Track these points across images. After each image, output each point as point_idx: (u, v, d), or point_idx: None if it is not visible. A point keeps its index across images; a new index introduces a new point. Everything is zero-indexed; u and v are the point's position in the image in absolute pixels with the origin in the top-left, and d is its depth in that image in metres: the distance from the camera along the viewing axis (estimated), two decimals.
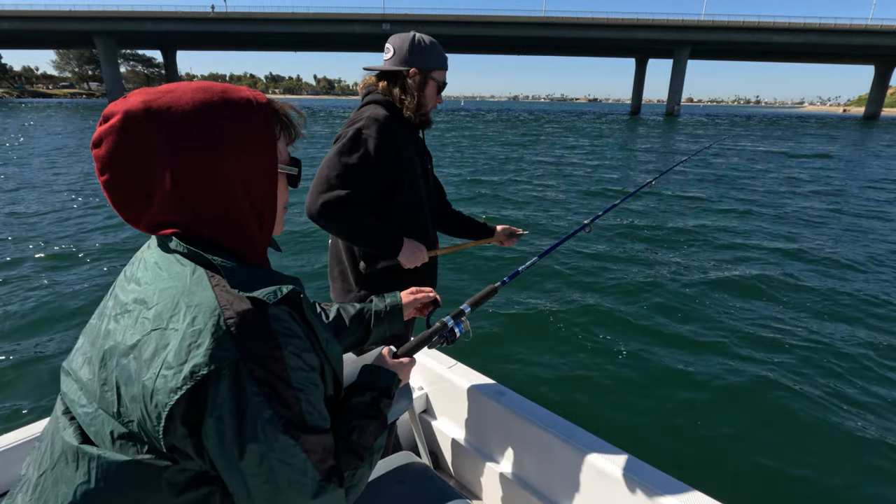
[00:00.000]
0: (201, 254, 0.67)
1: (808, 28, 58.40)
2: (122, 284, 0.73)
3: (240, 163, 0.68)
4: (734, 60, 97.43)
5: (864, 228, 8.21)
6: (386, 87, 1.68)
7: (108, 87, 63.90)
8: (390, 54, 1.67)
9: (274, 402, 0.63)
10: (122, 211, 0.68)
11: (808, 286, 5.45)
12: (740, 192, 11.43)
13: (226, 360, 0.61)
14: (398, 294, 1.24)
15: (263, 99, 0.72)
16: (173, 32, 63.68)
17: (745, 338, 4.20)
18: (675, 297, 5.06)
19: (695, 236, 7.51)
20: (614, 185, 12.04)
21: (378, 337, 1.19)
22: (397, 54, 1.66)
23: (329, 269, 1.86)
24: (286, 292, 0.67)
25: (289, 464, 0.65)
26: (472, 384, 1.82)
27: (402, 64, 1.65)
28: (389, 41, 1.68)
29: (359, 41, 72.28)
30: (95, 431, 0.65)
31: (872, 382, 3.57)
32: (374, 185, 1.64)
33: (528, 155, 18.42)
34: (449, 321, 1.18)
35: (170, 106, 0.65)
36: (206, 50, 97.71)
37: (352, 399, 0.86)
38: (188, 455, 0.64)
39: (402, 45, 1.65)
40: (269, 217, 0.74)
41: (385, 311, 1.19)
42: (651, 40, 61.70)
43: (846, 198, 11.00)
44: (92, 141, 0.66)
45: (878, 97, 75.53)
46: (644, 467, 1.40)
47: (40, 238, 6.79)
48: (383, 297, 1.22)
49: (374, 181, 1.62)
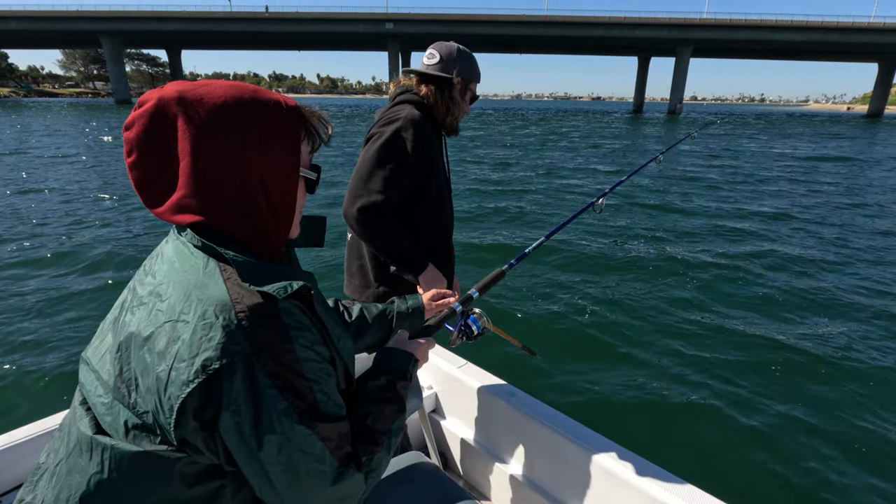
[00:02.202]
0: (214, 247, 0.68)
1: (809, 26, 58.41)
2: (140, 277, 0.75)
3: (261, 158, 0.70)
4: (737, 59, 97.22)
5: None
6: (432, 92, 1.67)
7: (113, 86, 64.62)
8: (435, 59, 1.67)
9: (288, 393, 0.64)
10: (143, 193, 0.70)
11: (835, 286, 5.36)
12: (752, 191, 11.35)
13: (238, 353, 0.61)
14: (419, 296, 1.28)
15: (293, 103, 0.74)
16: (178, 32, 64.23)
17: (756, 339, 4.19)
18: (691, 294, 5.06)
19: (717, 232, 7.40)
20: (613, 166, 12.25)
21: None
22: (444, 61, 1.67)
23: (346, 264, 1.84)
24: (297, 287, 0.68)
25: (307, 452, 0.66)
26: (481, 384, 1.81)
27: (448, 71, 1.67)
28: (434, 47, 1.70)
29: (362, 40, 72.69)
30: (111, 422, 0.67)
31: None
32: (410, 186, 1.63)
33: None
34: (457, 307, 1.21)
35: (202, 97, 0.68)
36: (210, 49, 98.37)
37: (368, 383, 0.86)
38: (198, 449, 0.65)
39: (450, 53, 1.67)
40: (286, 216, 0.75)
41: (408, 312, 1.23)
42: (653, 39, 61.85)
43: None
44: (124, 124, 0.69)
45: (881, 95, 75.37)
46: (653, 468, 1.40)
47: (63, 230, 7.10)
48: (405, 299, 1.26)
49: (410, 183, 1.62)
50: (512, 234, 7.19)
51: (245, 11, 62.89)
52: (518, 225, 7.75)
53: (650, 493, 1.33)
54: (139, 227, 7.36)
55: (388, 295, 1.71)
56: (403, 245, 1.62)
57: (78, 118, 36.64)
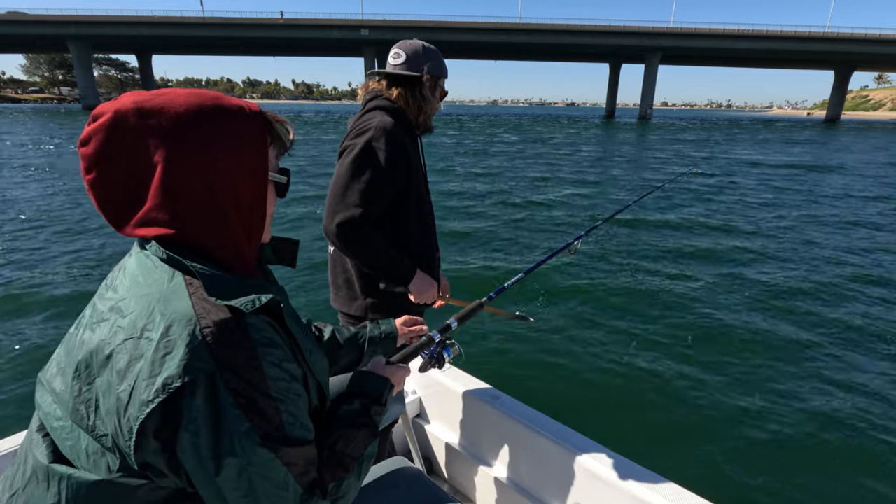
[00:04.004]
0: (180, 260, 0.66)
1: (768, 35, 61.25)
2: (101, 292, 0.72)
3: (229, 166, 0.68)
4: (704, 66, 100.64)
5: None
6: (401, 94, 1.65)
7: (81, 91, 63.21)
8: (402, 59, 1.64)
9: (252, 413, 0.61)
10: (106, 211, 0.67)
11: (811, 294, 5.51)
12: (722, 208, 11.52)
13: (201, 371, 0.59)
14: (392, 322, 1.26)
15: (255, 107, 0.73)
16: (149, 37, 63.28)
17: (735, 338, 4.35)
18: (670, 298, 5.24)
19: (693, 247, 7.45)
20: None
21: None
22: (410, 59, 1.64)
23: (332, 277, 1.80)
24: (265, 301, 0.66)
25: (268, 478, 0.63)
26: (465, 388, 1.81)
27: (416, 69, 1.64)
28: (399, 46, 1.67)
29: (338, 46, 72.76)
30: (70, 446, 0.64)
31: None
32: (388, 197, 1.60)
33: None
34: (436, 335, 1.22)
35: (162, 107, 0.65)
36: (182, 54, 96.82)
37: (340, 407, 0.84)
38: (162, 472, 0.62)
39: (416, 51, 1.64)
40: (257, 223, 0.74)
41: (380, 337, 1.21)
42: (623, 46, 63.85)
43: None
44: (79, 140, 0.65)
45: (837, 101, 79.25)
46: (637, 469, 1.41)
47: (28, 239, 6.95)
48: (378, 324, 1.24)
49: (388, 194, 1.59)
50: (492, 257, 6.95)
51: (218, 17, 62.32)
52: (501, 248, 7.47)
53: (633, 493, 1.36)
54: (103, 240, 7.09)
55: (376, 306, 1.71)
56: (388, 256, 1.60)
57: (42, 125, 35.66)
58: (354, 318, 1.74)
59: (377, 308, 1.71)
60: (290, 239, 0.90)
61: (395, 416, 0.99)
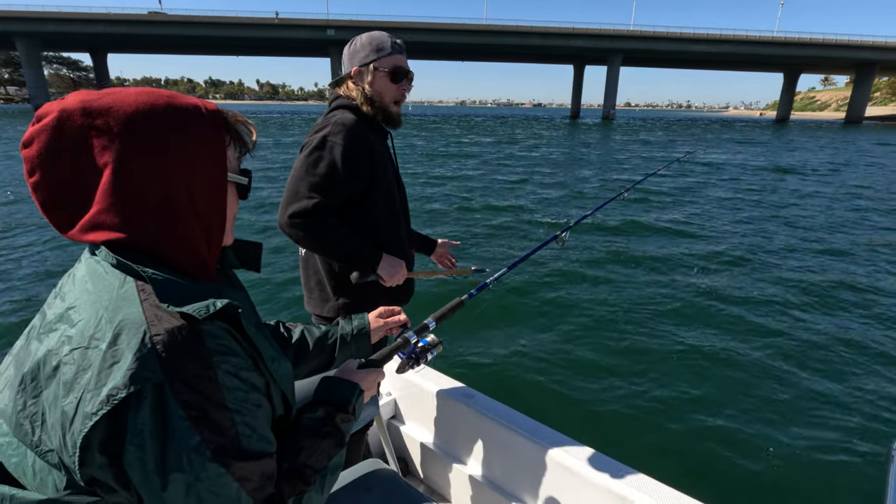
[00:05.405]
0: (130, 265, 0.63)
1: (722, 39, 64.02)
2: (50, 301, 0.69)
3: (185, 168, 0.65)
4: (664, 68, 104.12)
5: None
6: (356, 90, 1.68)
7: (31, 91, 60.06)
8: (344, 62, 1.71)
9: (203, 426, 0.59)
10: (51, 214, 0.64)
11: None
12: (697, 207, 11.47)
13: (148, 381, 0.56)
14: (366, 316, 1.21)
15: (212, 106, 0.70)
16: (103, 35, 60.88)
17: (709, 328, 4.44)
18: (642, 295, 5.34)
19: (671, 240, 7.68)
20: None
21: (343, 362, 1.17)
22: (345, 61, 1.70)
23: (304, 280, 1.80)
24: (221, 306, 0.63)
25: (219, 494, 0.60)
26: (440, 388, 1.81)
27: (348, 67, 1.69)
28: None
29: (304, 46, 71.84)
30: (16, 464, 0.62)
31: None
32: (346, 192, 1.59)
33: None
34: (412, 336, 1.15)
35: (111, 106, 0.62)
36: (139, 53, 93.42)
37: (304, 416, 0.81)
38: (111, 487, 0.59)
39: (349, 50, 1.68)
40: (217, 226, 0.71)
41: (352, 334, 1.15)
42: (586, 48, 65.43)
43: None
44: (22, 141, 0.63)
45: (787, 102, 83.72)
46: (611, 463, 1.43)
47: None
48: (350, 320, 1.19)
49: (344, 188, 1.58)
50: (470, 253, 6.99)
51: (178, 14, 60.59)
52: (483, 241, 7.61)
53: (607, 486, 1.37)
54: (53, 247, 6.77)
55: (348, 306, 1.71)
56: (350, 243, 1.58)
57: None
58: (328, 319, 1.75)
59: (350, 308, 1.71)
60: (253, 242, 0.86)
61: (369, 418, 0.96)
